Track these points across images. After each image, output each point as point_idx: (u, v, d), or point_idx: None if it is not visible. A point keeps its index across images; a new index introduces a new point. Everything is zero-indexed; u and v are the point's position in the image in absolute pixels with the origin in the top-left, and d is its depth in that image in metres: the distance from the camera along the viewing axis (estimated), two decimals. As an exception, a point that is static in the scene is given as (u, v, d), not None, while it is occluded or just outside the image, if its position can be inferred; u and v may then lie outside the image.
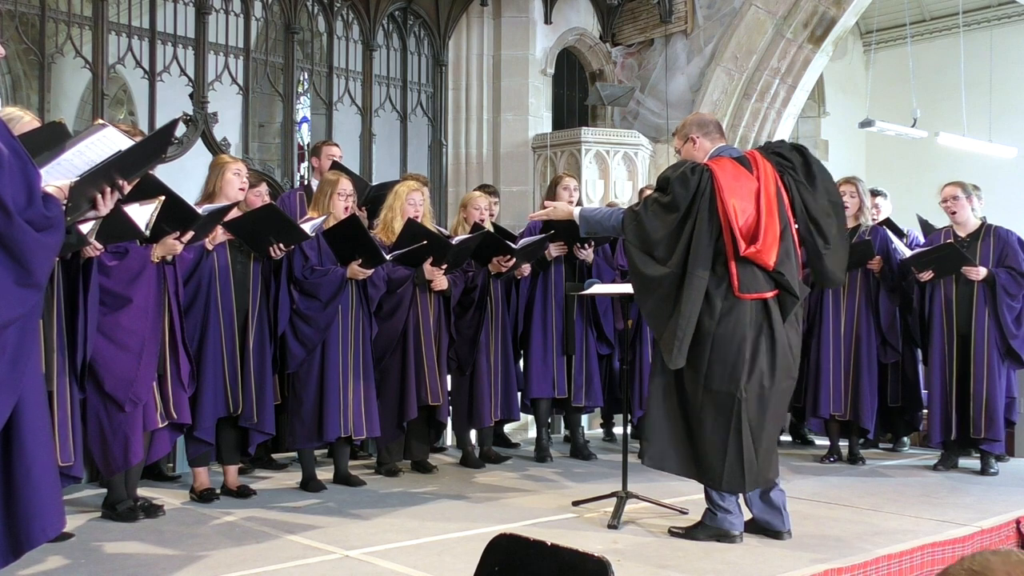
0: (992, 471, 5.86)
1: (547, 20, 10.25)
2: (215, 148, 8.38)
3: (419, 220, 5.47)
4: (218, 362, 4.78)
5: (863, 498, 5.13)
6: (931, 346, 6.03)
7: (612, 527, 4.37)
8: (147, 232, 3.75)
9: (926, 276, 5.94)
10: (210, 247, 4.76)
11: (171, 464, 5.53)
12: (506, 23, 10.13)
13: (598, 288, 5.20)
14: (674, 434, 4.13)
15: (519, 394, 6.28)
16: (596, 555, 2.06)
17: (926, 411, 6.24)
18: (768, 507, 4.22)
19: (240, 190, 4.89)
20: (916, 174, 12.14)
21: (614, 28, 10.64)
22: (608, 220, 4.36)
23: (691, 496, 4.76)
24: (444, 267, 5.58)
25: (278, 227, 4.80)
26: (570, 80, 10.89)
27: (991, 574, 1.38)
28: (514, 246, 5.85)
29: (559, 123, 10.61)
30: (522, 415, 6.56)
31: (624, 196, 9.47)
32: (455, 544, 4.08)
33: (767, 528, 4.22)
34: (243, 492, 4.96)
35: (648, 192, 7.04)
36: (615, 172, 9.82)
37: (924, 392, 6.32)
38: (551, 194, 6.27)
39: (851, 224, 6.23)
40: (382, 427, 5.42)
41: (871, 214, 6.59)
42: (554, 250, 6.10)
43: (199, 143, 8.47)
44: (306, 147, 11.96)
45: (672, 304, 4.03)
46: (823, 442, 6.68)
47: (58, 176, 2.68)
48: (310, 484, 5.17)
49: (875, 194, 6.77)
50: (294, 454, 5.56)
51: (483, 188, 6.98)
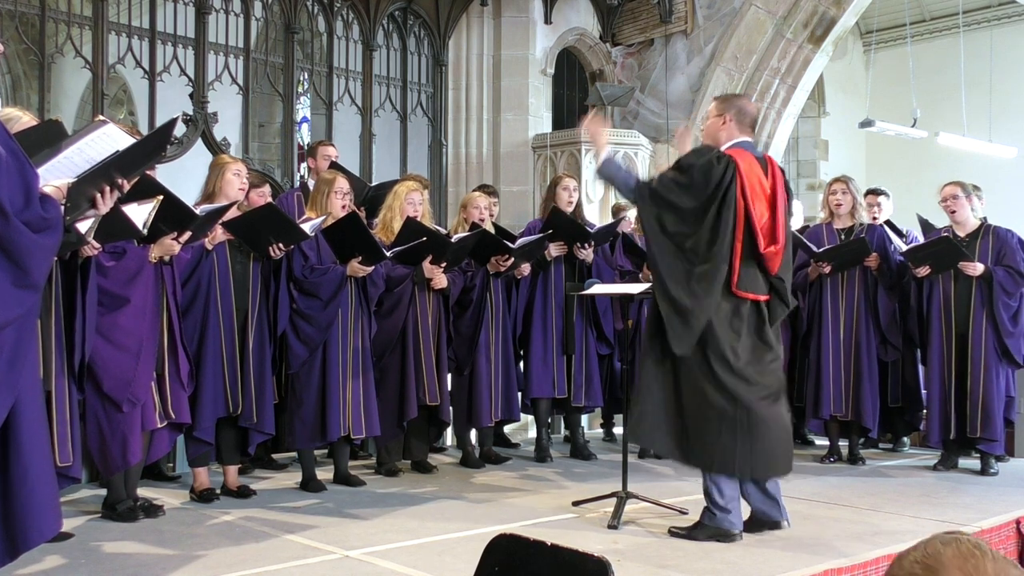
0: (992, 471, 5.85)
1: (547, 20, 10.24)
2: (215, 148, 8.38)
3: (418, 220, 5.47)
4: (218, 362, 4.78)
5: (863, 498, 5.13)
6: (929, 345, 6.02)
7: (612, 527, 4.37)
8: (144, 231, 3.74)
9: (923, 271, 5.93)
10: (210, 247, 4.76)
11: (171, 464, 5.53)
12: (506, 23, 10.13)
13: (598, 288, 5.20)
14: (666, 416, 4.14)
15: (519, 394, 6.28)
16: (596, 555, 2.05)
17: (926, 411, 6.23)
18: (765, 497, 4.24)
19: (240, 190, 4.89)
20: (916, 174, 12.13)
21: (614, 28, 10.63)
22: (624, 180, 4.32)
23: (691, 496, 4.76)
24: (443, 265, 5.58)
25: (277, 227, 4.80)
26: (570, 80, 10.89)
27: (942, 568, 1.34)
28: (512, 246, 5.85)
29: (559, 123, 10.60)
30: (522, 415, 6.56)
31: (624, 196, 9.45)
32: (455, 544, 4.08)
33: (765, 519, 4.23)
34: (243, 492, 4.95)
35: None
36: (615, 172, 9.79)
37: (924, 392, 6.32)
38: (551, 194, 6.26)
39: (847, 223, 6.24)
40: (381, 427, 5.42)
41: (874, 212, 6.60)
42: (554, 250, 6.10)
43: (199, 143, 8.47)
44: (306, 147, 11.96)
45: (690, 292, 4.03)
46: (823, 442, 6.67)
47: (58, 174, 2.68)
48: (310, 484, 5.17)
49: (877, 193, 6.77)
50: (294, 454, 5.56)
51: (483, 188, 6.97)
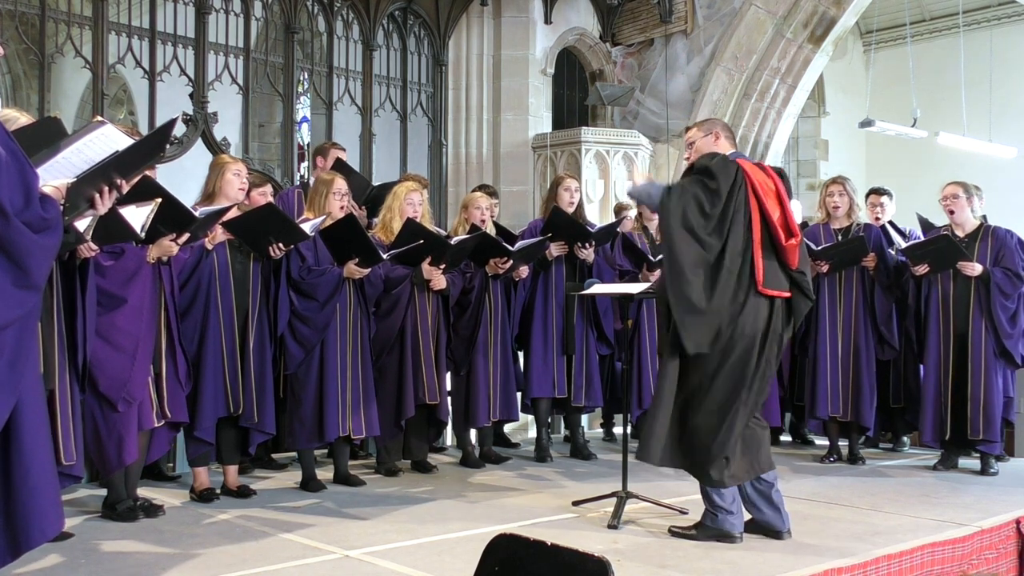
0: (992, 471, 5.85)
1: (547, 20, 10.25)
2: (215, 148, 8.38)
3: (418, 220, 5.47)
4: (218, 362, 4.78)
5: (862, 498, 5.13)
6: (927, 345, 6.01)
7: (612, 527, 4.37)
8: (143, 235, 3.75)
9: (921, 270, 5.93)
10: (210, 247, 4.75)
11: (171, 464, 5.53)
12: (506, 23, 10.13)
13: (598, 288, 5.20)
14: (671, 426, 4.14)
15: (519, 394, 6.28)
16: (596, 555, 2.06)
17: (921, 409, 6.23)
18: (769, 506, 4.22)
19: (240, 190, 4.89)
20: (916, 174, 12.12)
21: (614, 28, 10.64)
22: (647, 190, 4.31)
23: (691, 496, 4.76)
24: (442, 267, 5.58)
25: (277, 227, 4.79)
26: (570, 80, 10.89)
27: None
28: (511, 248, 5.85)
29: (559, 123, 10.60)
30: (522, 415, 6.56)
31: (624, 196, 9.46)
32: (455, 544, 4.08)
33: (767, 528, 4.22)
34: (243, 492, 4.95)
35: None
36: (615, 172, 9.82)
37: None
38: (552, 194, 6.26)
39: (844, 223, 6.24)
40: (381, 426, 5.42)
41: (877, 212, 6.63)
42: (555, 250, 6.10)
43: (199, 143, 8.48)
44: (306, 147, 11.98)
45: (708, 292, 4.02)
46: (823, 442, 6.67)
47: (57, 174, 2.68)
48: (310, 484, 5.17)
49: (880, 193, 6.78)
50: (294, 454, 5.56)
51: (483, 188, 6.97)
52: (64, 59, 8.20)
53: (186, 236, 4.32)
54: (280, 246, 4.83)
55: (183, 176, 6.50)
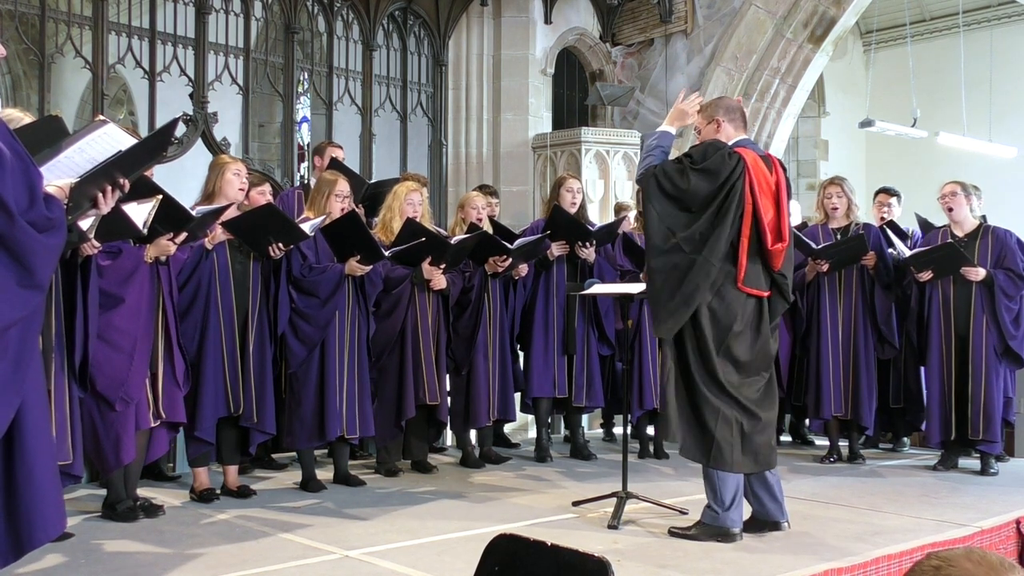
0: (992, 471, 5.86)
1: (547, 20, 10.24)
2: (215, 148, 8.38)
3: (418, 220, 5.48)
4: (218, 362, 4.78)
5: (862, 498, 5.13)
6: (929, 347, 6.02)
7: (612, 527, 4.38)
8: (144, 231, 3.75)
9: (925, 276, 5.94)
10: (209, 247, 4.76)
11: (171, 464, 5.54)
12: (506, 23, 10.13)
13: (598, 288, 5.20)
14: (682, 417, 4.19)
15: (519, 394, 6.28)
16: (596, 555, 2.06)
17: (926, 412, 6.23)
18: (771, 498, 4.25)
19: (240, 190, 4.90)
20: (916, 174, 12.12)
21: (614, 28, 10.64)
22: (647, 152, 4.27)
23: (691, 496, 4.77)
24: (442, 266, 5.58)
25: (277, 227, 4.80)
26: (570, 80, 10.89)
27: (953, 557, 1.40)
28: (510, 246, 5.85)
29: (559, 123, 10.60)
30: (521, 415, 6.55)
31: (624, 196, 9.47)
32: (455, 544, 4.08)
33: (766, 520, 4.24)
34: (243, 492, 4.96)
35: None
36: (615, 172, 9.81)
37: (925, 392, 6.32)
38: (554, 195, 6.26)
39: (843, 223, 6.25)
40: (381, 426, 5.43)
41: (883, 212, 6.64)
42: (556, 249, 6.09)
43: (199, 143, 8.47)
44: (306, 147, 11.97)
45: (678, 281, 4.07)
46: (823, 442, 6.68)
47: (59, 174, 2.68)
48: (310, 484, 5.17)
49: (890, 194, 6.80)
50: (294, 454, 5.56)
51: (482, 188, 6.97)
52: (64, 59, 8.19)
53: (184, 235, 4.32)
54: (280, 246, 4.83)
55: (183, 176, 6.51)
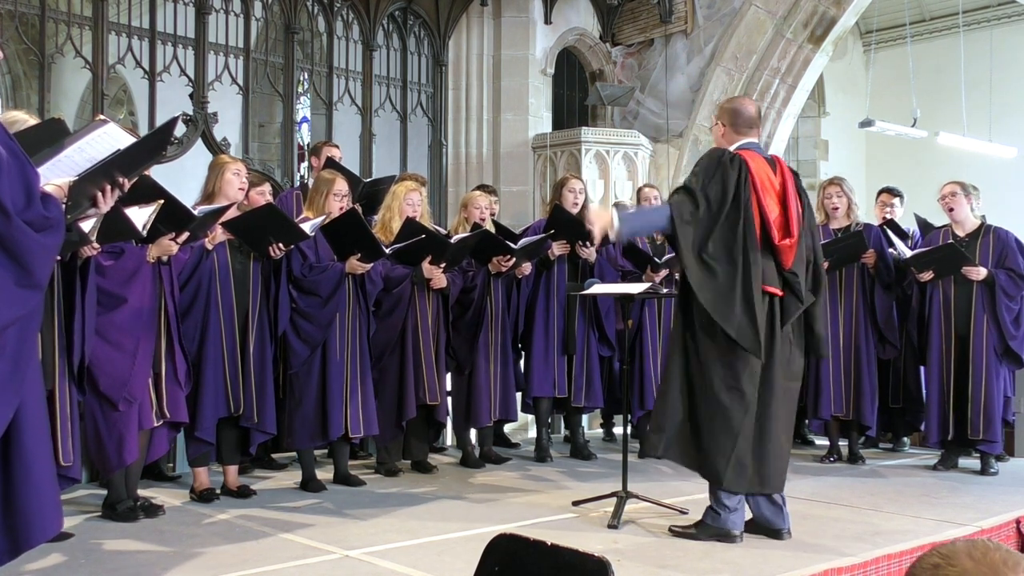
0: (992, 471, 5.86)
1: (547, 20, 10.24)
2: (215, 148, 8.38)
3: (417, 220, 5.47)
4: (218, 362, 4.78)
5: (863, 498, 5.13)
6: (929, 347, 6.02)
7: (612, 527, 4.37)
8: (144, 233, 3.75)
9: (926, 276, 5.94)
10: (210, 247, 4.76)
11: (171, 464, 5.53)
12: (506, 23, 10.13)
13: (598, 288, 5.20)
14: (683, 426, 4.16)
15: (520, 394, 6.27)
16: (596, 555, 2.06)
17: (926, 412, 6.23)
18: (770, 505, 4.22)
19: (240, 190, 4.89)
20: (916, 174, 12.11)
21: (614, 28, 10.64)
22: (652, 219, 4.29)
23: (691, 496, 4.77)
24: (443, 266, 5.58)
25: (277, 226, 4.80)
26: (570, 80, 10.89)
27: (954, 554, 1.42)
28: (514, 246, 5.84)
29: (559, 123, 10.60)
30: (522, 415, 6.55)
31: (624, 196, 9.47)
32: (455, 544, 4.08)
33: (767, 527, 4.22)
34: (243, 492, 4.95)
35: (649, 189, 7.04)
36: (615, 172, 9.82)
37: (925, 392, 6.32)
38: (556, 195, 6.24)
39: (843, 223, 6.25)
40: (381, 426, 5.42)
41: (886, 212, 6.64)
42: (557, 249, 6.09)
43: (199, 143, 8.48)
44: (306, 147, 11.96)
45: (732, 297, 4.02)
46: (823, 442, 6.67)
47: (59, 173, 2.68)
48: (310, 484, 5.17)
49: (893, 194, 6.80)
50: (294, 454, 5.56)
51: (482, 188, 6.96)
52: (64, 59, 8.20)
53: (185, 235, 4.32)
54: (280, 246, 4.83)
55: (183, 176, 6.49)
